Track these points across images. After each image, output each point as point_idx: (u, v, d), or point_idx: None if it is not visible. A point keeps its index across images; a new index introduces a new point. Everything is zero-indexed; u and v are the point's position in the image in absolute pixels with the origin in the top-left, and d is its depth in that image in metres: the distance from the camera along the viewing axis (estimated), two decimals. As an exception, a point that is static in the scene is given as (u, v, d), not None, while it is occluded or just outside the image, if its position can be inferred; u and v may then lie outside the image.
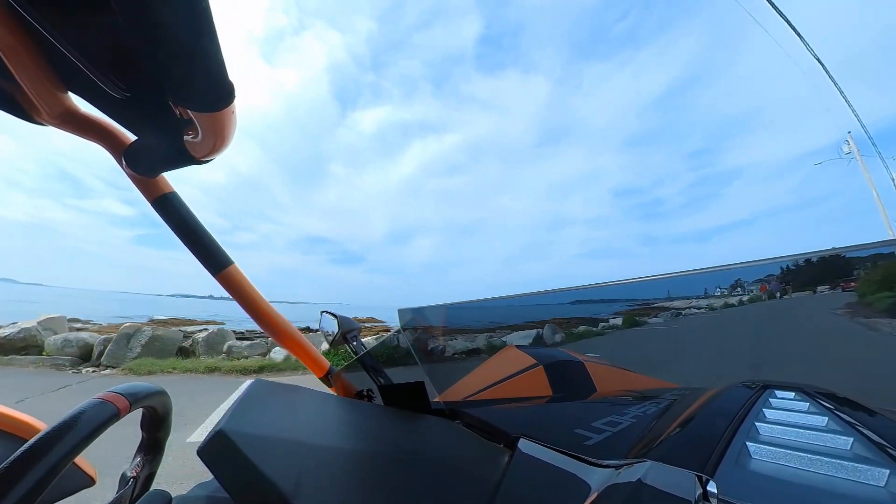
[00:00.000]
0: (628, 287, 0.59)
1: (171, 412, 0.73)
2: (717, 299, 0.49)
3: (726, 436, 0.44)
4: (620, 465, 0.48)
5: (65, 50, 0.40)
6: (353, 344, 1.01)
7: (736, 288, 0.48)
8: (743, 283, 0.47)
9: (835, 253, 0.40)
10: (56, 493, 0.60)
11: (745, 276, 0.47)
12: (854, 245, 0.38)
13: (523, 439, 0.63)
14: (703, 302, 0.51)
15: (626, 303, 0.61)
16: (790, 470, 0.37)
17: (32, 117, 0.54)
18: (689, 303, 0.53)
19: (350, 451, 0.52)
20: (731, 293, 0.48)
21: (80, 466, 0.84)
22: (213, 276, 0.78)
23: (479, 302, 0.85)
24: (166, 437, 0.74)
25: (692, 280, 0.51)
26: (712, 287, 0.50)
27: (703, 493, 0.37)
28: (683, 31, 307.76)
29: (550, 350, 0.76)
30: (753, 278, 0.46)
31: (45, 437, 0.41)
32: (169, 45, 0.34)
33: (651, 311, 0.57)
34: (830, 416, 0.42)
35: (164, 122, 0.52)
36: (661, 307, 0.56)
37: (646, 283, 0.56)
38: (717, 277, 0.48)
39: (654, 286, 0.55)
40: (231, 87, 0.41)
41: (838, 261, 0.40)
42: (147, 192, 0.72)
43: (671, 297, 0.55)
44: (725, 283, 0.48)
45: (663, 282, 0.54)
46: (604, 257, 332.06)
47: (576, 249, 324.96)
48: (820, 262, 0.42)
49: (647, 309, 0.57)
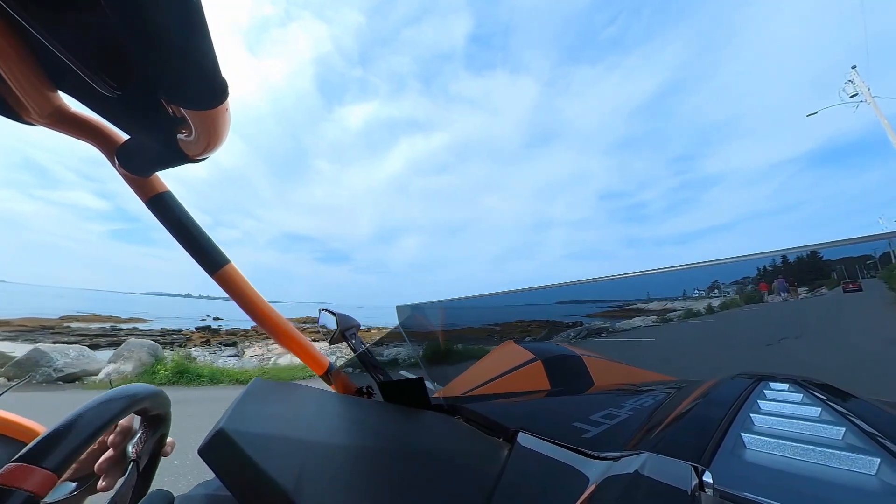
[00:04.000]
0: (627, 281, 0.59)
1: (171, 413, 0.73)
2: (717, 293, 0.50)
3: (722, 427, 0.45)
4: (618, 456, 0.49)
5: (53, 48, 0.39)
6: (351, 341, 1.01)
7: (734, 282, 0.48)
8: (741, 276, 0.48)
9: (831, 246, 0.40)
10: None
11: (744, 271, 0.47)
12: (851, 239, 0.38)
13: (522, 433, 0.64)
14: (701, 295, 0.52)
15: (624, 298, 0.62)
16: (784, 460, 0.38)
17: (21, 117, 0.53)
18: (687, 297, 0.53)
19: (351, 448, 0.52)
20: (728, 287, 0.49)
21: None
22: (210, 275, 0.77)
23: (477, 298, 0.85)
24: (165, 438, 0.74)
25: (691, 274, 0.52)
26: (711, 281, 0.50)
27: (700, 483, 0.38)
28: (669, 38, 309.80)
29: (548, 344, 0.76)
30: (751, 272, 0.46)
31: (46, 439, 0.41)
32: (160, 42, 0.34)
33: (649, 305, 0.57)
34: (823, 407, 0.42)
35: (157, 121, 0.51)
36: (659, 301, 0.56)
37: (645, 277, 0.56)
38: (717, 271, 0.49)
39: (653, 280, 0.56)
40: (224, 84, 0.41)
41: (833, 254, 0.40)
42: (141, 191, 0.71)
43: (670, 291, 0.55)
44: (723, 277, 0.49)
45: (663, 276, 0.54)
46: (589, 259, 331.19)
47: (562, 251, 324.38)
48: (815, 255, 0.42)
49: (645, 303, 0.58)
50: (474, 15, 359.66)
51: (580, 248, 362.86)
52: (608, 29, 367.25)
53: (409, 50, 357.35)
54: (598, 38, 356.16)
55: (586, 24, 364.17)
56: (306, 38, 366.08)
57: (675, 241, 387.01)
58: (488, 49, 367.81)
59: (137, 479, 0.67)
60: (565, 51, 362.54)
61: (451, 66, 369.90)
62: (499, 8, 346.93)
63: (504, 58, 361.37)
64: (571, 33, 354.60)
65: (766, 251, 0.44)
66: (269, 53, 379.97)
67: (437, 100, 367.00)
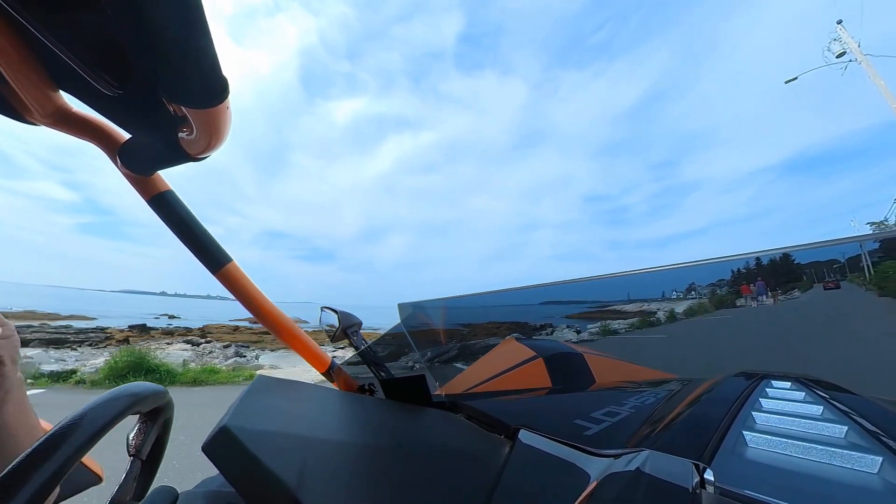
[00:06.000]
0: (630, 279, 0.59)
1: (174, 412, 0.74)
2: (717, 291, 0.50)
3: (723, 425, 0.45)
4: (619, 454, 0.49)
5: (55, 47, 0.39)
6: (353, 339, 1.02)
7: (735, 280, 0.48)
8: (740, 274, 0.47)
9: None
10: (64, 492, 0.61)
11: (743, 268, 0.47)
12: (849, 237, 0.38)
13: (524, 430, 0.64)
14: (704, 293, 0.51)
15: (627, 296, 0.62)
16: (786, 458, 0.38)
17: (24, 117, 0.54)
18: (690, 294, 0.53)
19: (353, 445, 0.53)
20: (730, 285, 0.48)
21: (87, 465, 0.85)
22: (213, 273, 0.78)
23: (479, 296, 0.85)
24: (168, 436, 0.75)
25: (693, 271, 0.52)
26: (713, 279, 0.50)
27: (701, 480, 0.38)
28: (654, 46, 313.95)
29: (550, 342, 0.76)
30: (752, 269, 0.46)
31: (52, 438, 0.42)
32: (161, 41, 0.34)
33: (652, 303, 0.57)
34: (826, 405, 0.42)
35: (158, 120, 0.51)
36: (662, 299, 0.56)
37: (649, 274, 0.56)
38: (717, 269, 0.49)
39: (657, 278, 0.55)
40: (225, 82, 0.41)
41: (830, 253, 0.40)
42: (143, 190, 0.71)
43: (673, 290, 0.55)
44: (725, 274, 0.48)
45: (666, 273, 0.54)
46: (573, 260, 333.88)
47: (548, 251, 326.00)
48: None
49: (649, 301, 0.58)
50: (466, 14, 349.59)
51: (566, 250, 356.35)
52: (596, 35, 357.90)
53: (399, 47, 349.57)
54: (586, 43, 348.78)
55: (575, 29, 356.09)
56: (294, 30, 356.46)
57: (655, 245, 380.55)
58: (479, 49, 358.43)
59: (140, 473, 0.68)
60: (554, 54, 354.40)
61: (441, 65, 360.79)
62: (490, 9, 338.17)
63: (494, 59, 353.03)
64: (561, 37, 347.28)
65: (764, 250, 0.44)
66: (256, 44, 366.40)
67: (426, 98, 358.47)
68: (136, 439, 0.67)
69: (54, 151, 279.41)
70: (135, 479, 0.67)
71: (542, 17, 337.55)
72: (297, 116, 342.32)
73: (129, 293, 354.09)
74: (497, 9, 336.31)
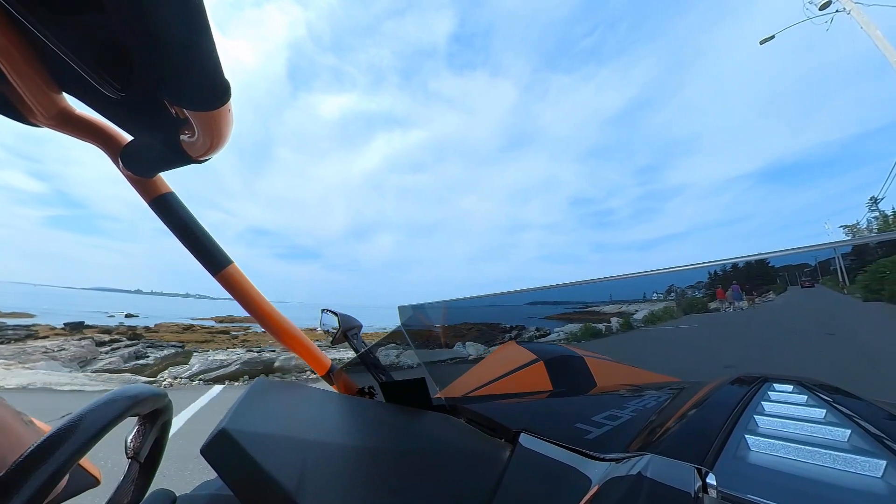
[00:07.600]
0: (631, 281, 0.59)
1: (172, 414, 0.73)
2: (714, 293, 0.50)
3: (725, 429, 0.45)
4: (621, 458, 0.48)
5: (58, 50, 0.39)
6: (354, 341, 1.01)
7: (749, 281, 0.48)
8: (744, 277, 0.47)
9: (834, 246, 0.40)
10: (61, 494, 0.61)
11: (745, 270, 0.47)
12: (847, 240, 0.38)
13: (524, 434, 0.63)
14: (704, 295, 0.51)
15: (627, 298, 0.62)
16: (789, 462, 0.38)
17: (27, 119, 0.54)
18: (692, 296, 0.53)
19: (352, 448, 0.52)
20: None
21: (85, 467, 0.84)
22: (213, 276, 0.78)
23: (479, 298, 0.85)
24: (167, 439, 0.75)
25: (695, 274, 0.52)
26: (713, 281, 0.50)
27: (703, 485, 0.37)
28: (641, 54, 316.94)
29: (551, 345, 0.76)
30: (756, 272, 0.46)
31: (50, 439, 0.42)
32: (163, 44, 0.34)
33: (653, 306, 0.57)
34: (828, 409, 0.42)
35: (160, 122, 0.51)
36: (664, 302, 0.56)
37: (652, 276, 0.56)
38: (717, 270, 0.49)
39: (658, 280, 0.55)
40: (227, 85, 0.41)
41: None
42: (145, 192, 0.71)
43: (674, 292, 0.55)
44: (728, 277, 0.48)
45: (669, 276, 0.54)
46: (559, 262, 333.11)
47: (534, 253, 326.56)
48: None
49: (650, 303, 0.57)
50: (458, 14, 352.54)
51: (552, 251, 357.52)
52: (586, 40, 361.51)
53: (389, 43, 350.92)
54: (575, 48, 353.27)
55: (565, 34, 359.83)
56: (282, 21, 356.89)
57: (637, 248, 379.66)
58: (470, 49, 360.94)
59: (138, 476, 0.68)
60: (544, 57, 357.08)
61: (431, 63, 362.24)
62: (482, 9, 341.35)
63: (485, 59, 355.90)
64: (551, 40, 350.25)
65: (770, 252, 0.44)
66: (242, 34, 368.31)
67: (415, 96, 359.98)
68: (135, 442, 0.67)
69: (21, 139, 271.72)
70: (132, 481, 0.66)
71: (534, 20, 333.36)
72: (283, 111, 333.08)
73: (100, 290, 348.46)
74: (490, 9, 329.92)
